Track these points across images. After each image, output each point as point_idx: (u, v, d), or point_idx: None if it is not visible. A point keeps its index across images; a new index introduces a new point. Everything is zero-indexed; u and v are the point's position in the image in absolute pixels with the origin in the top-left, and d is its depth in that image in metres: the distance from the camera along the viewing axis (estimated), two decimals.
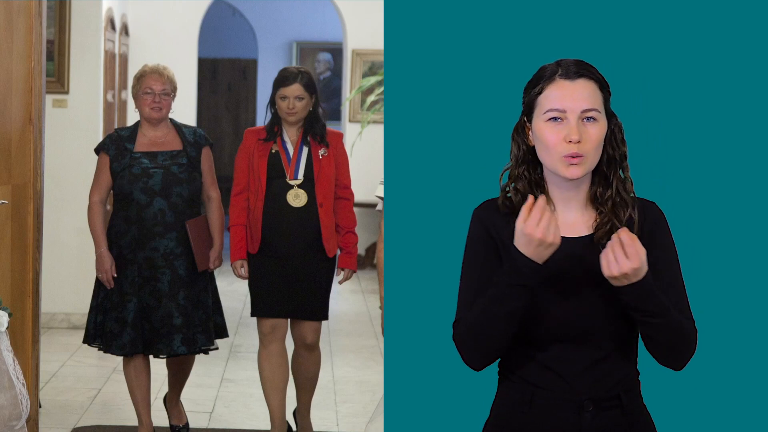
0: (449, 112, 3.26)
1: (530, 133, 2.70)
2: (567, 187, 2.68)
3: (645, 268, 2.56)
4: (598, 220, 2.68)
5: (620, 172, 2.69)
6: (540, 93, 2.67)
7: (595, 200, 2.70)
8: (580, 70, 2.65)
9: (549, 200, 2.70)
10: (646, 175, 2.84)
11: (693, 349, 2.70)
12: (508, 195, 2.72)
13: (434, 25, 3.25)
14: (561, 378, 2.67)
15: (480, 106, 3.23)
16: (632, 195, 2.70)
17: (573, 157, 2.60)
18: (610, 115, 2.69)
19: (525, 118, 2.72)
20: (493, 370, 2.79)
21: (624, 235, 2.54)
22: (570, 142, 2.60)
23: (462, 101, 3.25)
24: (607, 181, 2.69)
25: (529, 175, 2.71)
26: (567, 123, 2.62)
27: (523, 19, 3.24)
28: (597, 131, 2.63)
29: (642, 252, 2.54)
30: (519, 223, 2.56)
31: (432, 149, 3.26)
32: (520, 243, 2.56)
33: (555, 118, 2.63)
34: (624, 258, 2.53)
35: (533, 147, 2.70)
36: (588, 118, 2.63)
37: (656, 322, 2.61)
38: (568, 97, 2.63)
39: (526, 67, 3.05)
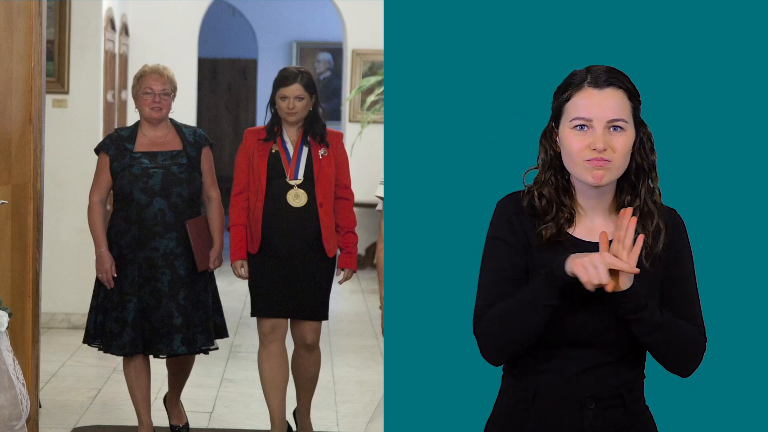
0: (449, 112, 3.25)
1: (557, 138, 2.69)
2: (593, 194, 2.67)
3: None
4: None
5: (649, 181, 2.68)
6: (568, 100, 2.65)
7: (619, 208, 2.69)
8: (609, 78, 2.63)
9: (576, 204, 2.70)
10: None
11: (699, 358, 2.71)
12: (531, 195, 2.70)
13: (434, 25, 3.25)
14: (564, 376, 2.67)
15: (480, 106, 3.23)
16: (660, 204, 2.69)
17: (597, 160, 2.59)
18: (639, 124, 2.67)
19: (553, 124, 2.70)
20: (494, 369, 2.79)
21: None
22: (595, 150, 2.59)
23: (462, 101, 3.25)
24: (635, 191, 2.67)
25: (556, 181, 2.69)
26: (593, 131, 2.61)
27: (524, 19, 3.23)
28: (623, 141, 2.61)
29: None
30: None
31: (432, 149, 3.26)
32: (578, 261, 2.55)
33: (581, 126, 2.62)
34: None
35: (560, 152, 2.69)
36: (614, 128, 2.61)
37: (654, 339, 2.63)
38: (595, 106, 2.61)
39: (526, 67, 3.06)
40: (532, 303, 2.60)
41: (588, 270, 2.52)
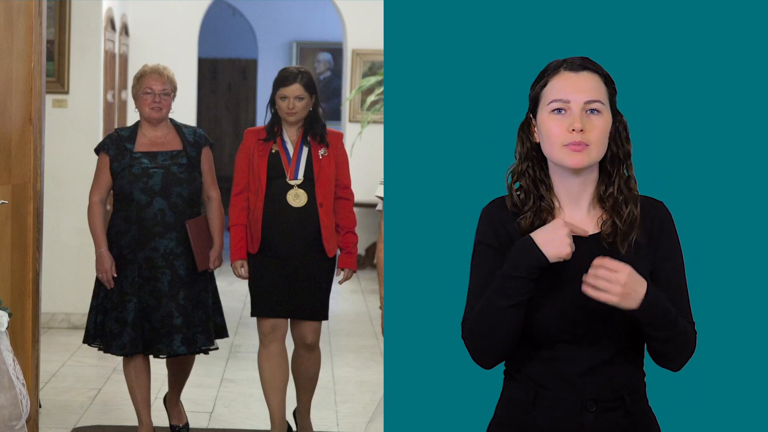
0: (449, 112, 3.26)
1: (535, 130, 2.70)
2: (574, 185, 2.68)
3: (639, 278, 2.54)
4: (603, 218, 2.68)
5: (624, 170, 2.69)
6: (545, 86, 2.67)
7: (600, 199, 2.70)
8: (584, 63, 2.67)
9: (554, 197, 2.70)
10: (650, 174, 2.83)
11: (692, 352, 2.71)
12: (516, 194, 2.71)
13: (434, 25, 3.25)
14: (564, 378, 2.67)
15: (480, 105, 3.23)
16: (635, 193, 2.70)
17: (576, 144, 2.60)
18: (615, 113, 2.69)
19: (530, 115, 2.72)
20: (494, 369, 2.79)
21: (601, 263, 2.55)
22: (573, 131, 2.60)
23: (462, 101, 3.25)
24: (610, 179, 2.69)
25: (533, 173, 2.70)
26: (570, 114, 2.62)
27: (524, 18, 3.24)
28: (601, 122, 2.63)
29: (621, 264, 2.53)
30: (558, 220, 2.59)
31: (432, 149, 3.26)
32: (544, 232, 2.57)
33: (559, 110, 2.63)
34: (611, 280, 2.53)
35: (538, 144, 2.69)
36: (592, 110, 2.63)
37: (665, 335, 2.62)
38: (572, 87, 2.63)
39: (526, 67, 3.05)
40: (498, 306, 2.61)
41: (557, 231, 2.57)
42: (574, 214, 2.71)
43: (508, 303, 2.60)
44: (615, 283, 2.53)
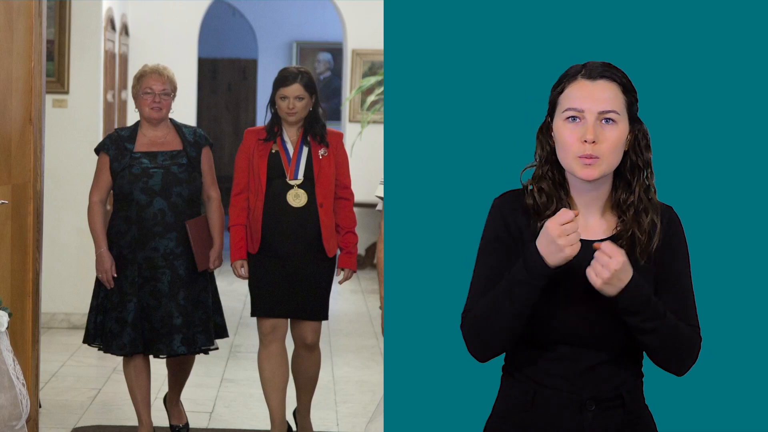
0: (449, 112, 3.26)
1: (553, 132, 2.69)
2: (587, 189, 2.67)
3: (628, 268, 2.55)
4: (619, 227, 2.67)
5: (644, 178, 2.67)
6: (561, 92, 2.66)
7: (617, 206, 2.69)
8: (603, 71, 2.64)
9: (571, 200, 2.70)
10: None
11: (695, 356, 2.70)
12: (531, 191, 2.70)
13: (434, 25, 3.26)
14: (563, 377, 2.67)
15: (480, 106, 3.23)
16: (655, 202, 2.68)
17: (588, 158, 2.60)
18: (635, 121, 2.66)
19: (549, 118, 2.70)
20: (493, 369, 2.79)
21: (601, 246, 2.54)
22: (585, 142, 2.59)
23: (462, 101, 3.25)
24: (630, 188, 2.67)
25: (553, 175, 2.69)
26: (584, 123, 2.61)
27: (524, 19, 3.24)
28: (615, 134, 2.61)
29: (619, 252, 2.53)
30: (548, 221, 2.55)
31: (432, 149, 3.26)
32: (541, 240, 2.55)
33: (573, 118, 2.62)
34: (604, 264, 2.53)
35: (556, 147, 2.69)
36: (606, 120, 2.61)
37: (649, 326, 2.61)
38: (587, 97, 2.61)
39: (526, 67, 3.06)
40: (502, 308, 2.61)
41: (558, 245, 2.53)
42: (588, 218, 2.70)
43: (512, 306, 2.60)
44: (605, 268, 2.54)
